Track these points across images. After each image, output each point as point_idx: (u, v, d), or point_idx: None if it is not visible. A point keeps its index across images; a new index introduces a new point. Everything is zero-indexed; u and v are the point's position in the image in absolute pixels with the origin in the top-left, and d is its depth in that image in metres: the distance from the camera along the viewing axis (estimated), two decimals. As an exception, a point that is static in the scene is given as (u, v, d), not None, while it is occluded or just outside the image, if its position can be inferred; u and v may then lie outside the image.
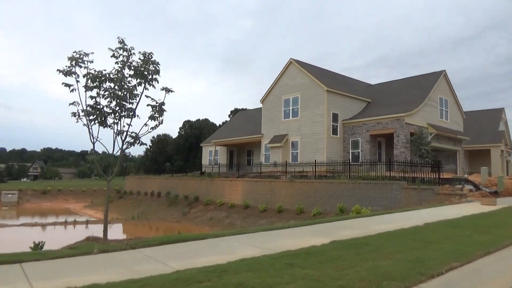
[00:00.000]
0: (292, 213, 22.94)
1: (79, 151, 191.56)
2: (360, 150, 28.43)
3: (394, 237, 6.88)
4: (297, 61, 31.39)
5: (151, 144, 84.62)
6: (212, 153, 41.78)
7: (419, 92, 29.42)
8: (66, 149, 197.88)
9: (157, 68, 8.77)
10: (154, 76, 8.80)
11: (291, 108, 31.13)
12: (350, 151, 28.99)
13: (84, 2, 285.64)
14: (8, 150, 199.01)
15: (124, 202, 37.96)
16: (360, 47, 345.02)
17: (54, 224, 28.01)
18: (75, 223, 28.40)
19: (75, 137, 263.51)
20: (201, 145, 44.92)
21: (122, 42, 8.66)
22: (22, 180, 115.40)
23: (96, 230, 11.86)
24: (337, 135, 29.21)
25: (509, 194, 17.69)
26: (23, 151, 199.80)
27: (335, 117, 29.14)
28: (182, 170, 43.12)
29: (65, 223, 27.65)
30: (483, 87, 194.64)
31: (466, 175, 18.57)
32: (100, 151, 9.42)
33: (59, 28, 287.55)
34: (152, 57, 8.76)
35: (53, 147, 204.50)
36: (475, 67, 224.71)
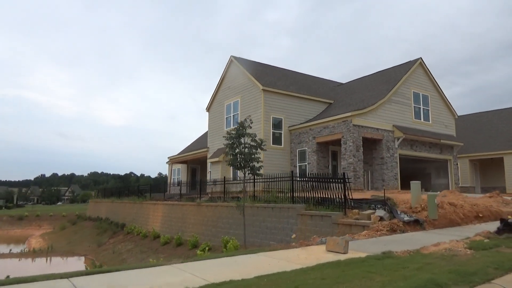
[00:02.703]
0: (187, 247, 17.52)
1: (122, 174, 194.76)
2: (307, 163, 22.39)
3: None
4: (237, 59, 26.21)
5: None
6: (175, 172, 37.05)
7: (385, 87, 23.04)
8: (111, 173, 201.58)
9: None
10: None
11: (232, 114, 25.84)
12: (297, 164, 22.98)
13: (129, 34, 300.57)
14: (59, 175, 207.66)
15: (71, 229, 34.09)
16: (403, 58, 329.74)
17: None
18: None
19: (121, 160, 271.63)
20: (166, 163, 40.24)
21: None
22: (57, 204, 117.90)
23: None
24: (280, 144, 23.40)
25: (450, 224, 11.18)
26: (72, 175, 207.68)
27: (278, 123, 23.44)
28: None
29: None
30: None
31: (383, 195, 12.22)
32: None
33: (108, 59, 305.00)
34: None
35: (99, 171, 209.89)
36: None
